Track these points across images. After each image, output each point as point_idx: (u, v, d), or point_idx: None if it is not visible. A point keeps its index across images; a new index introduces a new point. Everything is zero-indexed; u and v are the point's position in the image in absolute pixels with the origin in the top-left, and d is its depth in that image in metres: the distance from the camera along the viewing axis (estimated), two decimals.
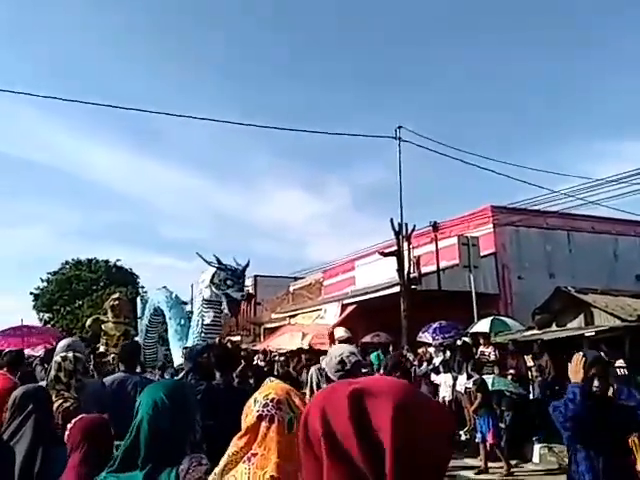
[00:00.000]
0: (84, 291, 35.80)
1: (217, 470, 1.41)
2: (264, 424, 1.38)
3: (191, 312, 10.17)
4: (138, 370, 7.73)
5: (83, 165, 62.56)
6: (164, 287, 10.58)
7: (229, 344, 5.82)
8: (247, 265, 8.71)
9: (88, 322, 9.60)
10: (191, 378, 3.97)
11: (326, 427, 0.82)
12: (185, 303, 10.73)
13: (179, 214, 72.14)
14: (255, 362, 10.41)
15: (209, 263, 8.61)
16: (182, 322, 9.51)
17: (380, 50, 58.01)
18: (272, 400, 1.41)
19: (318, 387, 6.03)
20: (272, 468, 1.32)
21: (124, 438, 2.44)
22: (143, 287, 39.19)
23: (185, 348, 8.01)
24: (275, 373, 9.07)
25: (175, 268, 64.09)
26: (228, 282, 8.28)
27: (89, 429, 2.31)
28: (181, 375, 5.71)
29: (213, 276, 8.44)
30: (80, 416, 2.40)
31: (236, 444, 1.40)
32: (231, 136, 70.09)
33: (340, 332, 11.73)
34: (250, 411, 1.42)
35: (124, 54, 60.26)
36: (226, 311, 8.52)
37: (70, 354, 3.33)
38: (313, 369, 6.53)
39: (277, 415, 1.39)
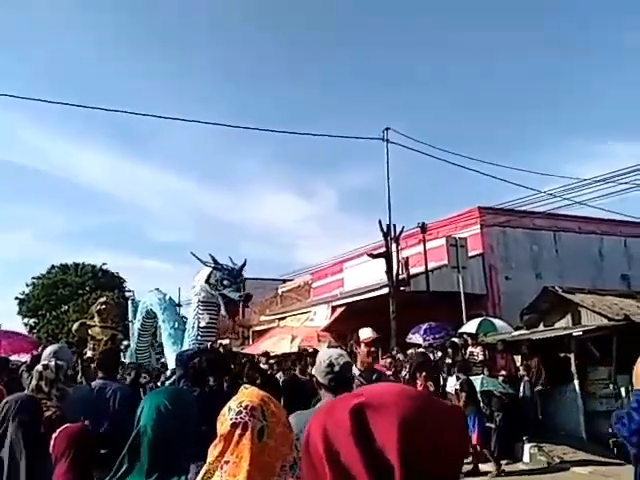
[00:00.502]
0: (70, 296, 35.42)
1: (197, 479, 1.40)
2: (238, 431, 1.36)
3: (180, 315, 10.03)
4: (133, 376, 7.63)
5: (70, 168, 62.01)
6: (157, 289, 10.12)
7: (221, 348, 5.74)
8: (244, 265, 8.40)
9: (74, 327, 9.33)
10: (183, 384, 3.91)
11: (328, 445, 0.77)
12: (179, 305, 10.54)
13: (167, 217, 71.71)
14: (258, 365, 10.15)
15: (204, 263, 8.29)
16: (176, 325, 9.17)
17: (370, 51, 58.22)
18: (246, 407, 1.39)
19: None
20: (243, 476, 1.31)
21: (103, 445, 2.40)
22: (130, 291, 38.87)
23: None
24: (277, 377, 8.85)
25: (163, 271, 63.68)
26: (225, 282, 7.96)
27: (74, 438, 2.28)
28: (172, 380, 5.63)
29: (209, 276, 8.12)
30: (65, 425, 2.36)
31: (212, 453, 1.39)
32: (219, 139, 69.76)
33: (367, 333, 11.51)
34: (224, 419, 1.40)
35: (113, 55, 59.83)
36: (223, 312, 8.20)
37: (52, 362, 3.28)
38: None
39: (250, 422, 1.37)
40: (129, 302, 12.25)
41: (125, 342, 10.87)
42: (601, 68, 49.44)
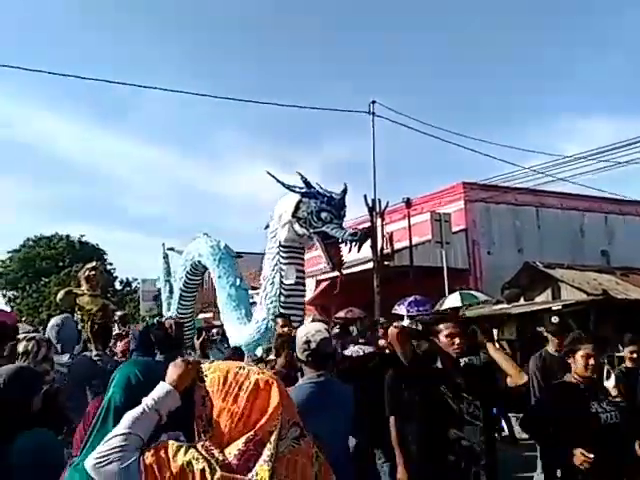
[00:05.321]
0: (49, 269, 35.01)
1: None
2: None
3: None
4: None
5: (44, 138, 60.54)
6: (205, 234, 7.70)
7: (173, 324, 4.43)
8: (345, 191, 5.72)
9: (59, 295, 7.71)
10: (136, 356, 3.83)
11: None
12: (240, 256, 7.90)
13: (144, 189, 70.71)
14: None
15: (289, 188, 5.67)
16: (238, 282, 7.02)
17: (355, 20, 57.30)
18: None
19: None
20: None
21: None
22: (111, 264, 38.54)
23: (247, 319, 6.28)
24: None
25: (141, 244, 63.12)
26: (323, 215, 5.41)
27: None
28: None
29: (297, 207, 5.55)
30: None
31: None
32: (200, 109, 68.79)
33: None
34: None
35: (89, 23, 57.99)
36: (324, 260, 5.76)
37: (47, 334, 3.30)
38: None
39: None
40: (160, 257, 9.71)
41: (167, 310, 9.06)
42: (585, 43, 49.44)
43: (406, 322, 11.08)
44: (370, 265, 13.68)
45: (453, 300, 11.66)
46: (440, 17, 54.89)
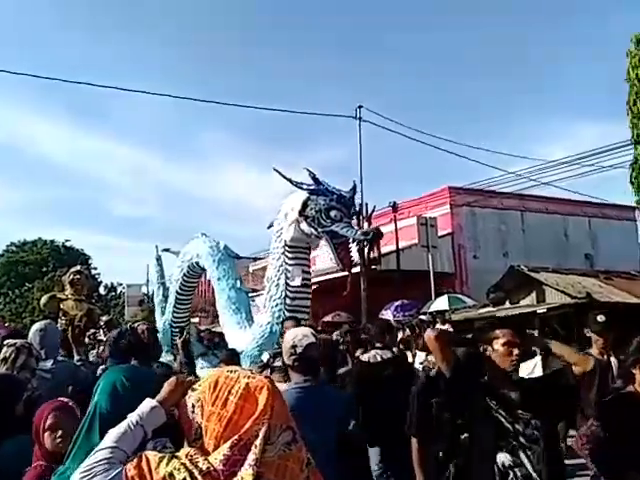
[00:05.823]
0: (32, 274, 34.55)
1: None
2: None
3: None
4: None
5: (27, 140, 59.76)
6: (203, 234, 7.41)
7: (145, 329, 4.14)
8: (355, 189, 5.61)
9: (43, 300, 7.53)
10: (110, 363, 3.76)
11: None
12: (239, 257, 7.57)
13: (130, 192, 69.96)
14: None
15: (297, 185, 5.44)
16: (238, 285, 6.69)
17: (342, 20, 57.56)
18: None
19: None
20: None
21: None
22: (96, 268, 38.14)
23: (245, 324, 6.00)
24: None
25: (126, 249, 62.51)
26: (333, 213, 5.21)
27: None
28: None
29: (305, 204, 5.28)
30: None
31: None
32: (184, 112, 68.47)
33: None
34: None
35: (72, 24, 57.54)
36: (333, 260, 5.64)
37: (30, 339, 3.25)
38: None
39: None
40: (153, 259, 9.39)
41: (159, 316, 8.67)
42: (570, 47, 50.17)
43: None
44: (357, 269, 13.71)
45: (441, 303, 11.73)
46: (434, 17, 55.38)
